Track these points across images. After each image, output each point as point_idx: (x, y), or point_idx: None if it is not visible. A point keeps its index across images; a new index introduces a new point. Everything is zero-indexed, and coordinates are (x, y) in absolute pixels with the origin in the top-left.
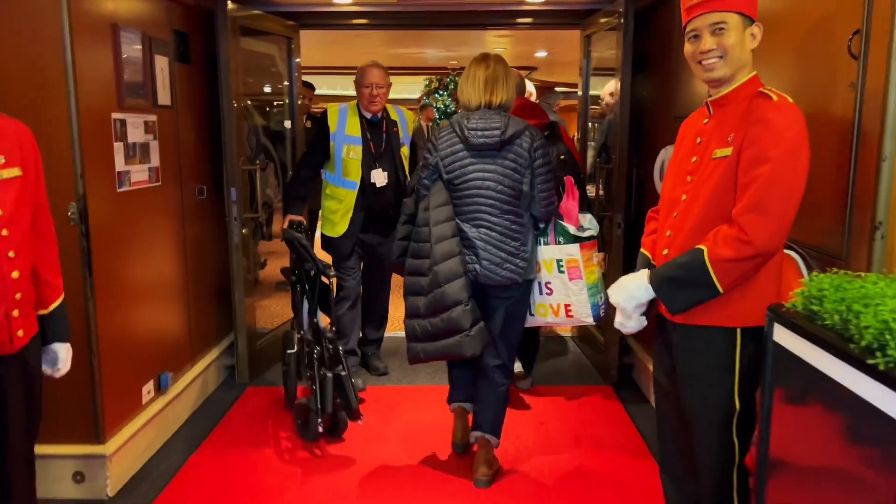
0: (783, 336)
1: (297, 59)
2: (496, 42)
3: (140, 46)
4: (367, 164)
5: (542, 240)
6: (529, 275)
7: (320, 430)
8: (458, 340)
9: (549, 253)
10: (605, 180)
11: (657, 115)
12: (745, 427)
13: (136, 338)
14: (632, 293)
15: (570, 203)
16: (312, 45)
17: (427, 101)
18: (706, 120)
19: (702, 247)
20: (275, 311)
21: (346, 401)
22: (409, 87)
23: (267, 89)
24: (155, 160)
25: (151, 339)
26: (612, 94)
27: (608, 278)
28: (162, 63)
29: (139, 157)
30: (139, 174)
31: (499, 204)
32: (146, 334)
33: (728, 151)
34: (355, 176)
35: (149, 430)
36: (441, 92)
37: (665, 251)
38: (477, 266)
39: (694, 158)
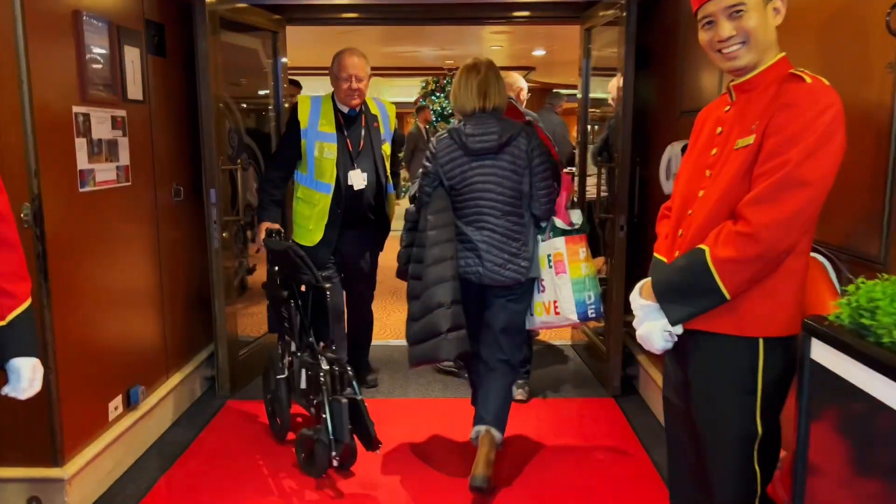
0: (823, 354)
1: (284, 59)
2: (493, 39)
3: (107, 36)
4: (344, 165)
5: (540, 237)
6: (531, 274)
7: (335, 463)
8: (435, 343)
9: (542, 249)
10: (606, 180)
11: (662, 111)
12: (769, 453)
13: (101, 349)
14: (631, 296)
15: (560, 198)
16: (302, 45)
17: (423, 103)
18: (728, 107)
19: (703, 246)
20: (262, 320)
21: (363, 428)
22: (405, 90)
23: (250, 87)
24: (124, 158)
25: (120, 351)
26: (619, 90)
27: (610, 284)
28: (132, 55)
29: (106, 155)
30: (106, 173)
31: (500, 206)
32: (114, 345)
33: (751, 140)
34: (330, 177)
35: (116, 449)
36: (438, 94)
37: (677, 254)
38: (479, 268)
39: (714, 150)
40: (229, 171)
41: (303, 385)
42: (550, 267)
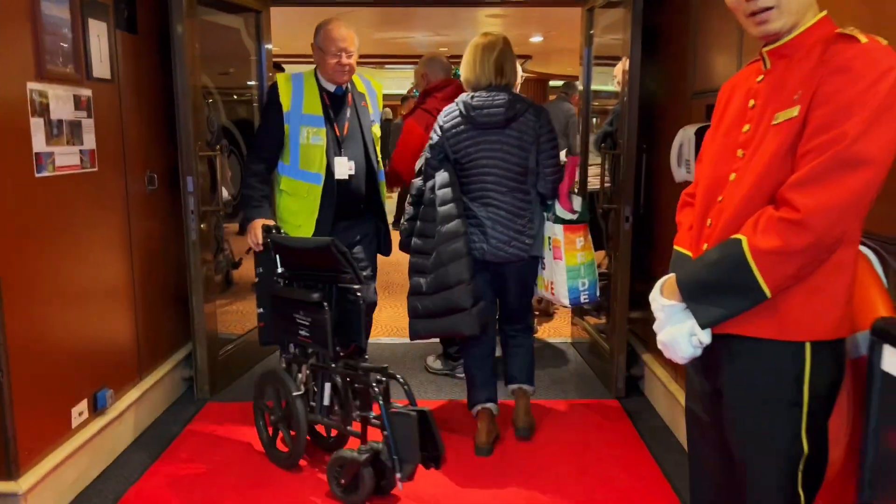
0: None
1: (269, 45)
2: (488, 23)
3: (67, 6)
4: (331, 151)
5: (546, 215)
6: (534, 251)
7: (400, 486)
8: (457, 319)
9: (545, 230)
10: (610, 168)
11: (671, 94)
12: (814, 473)
13: (63, 350)
14: (651, 295)
15: (563, 185)
16: (287, 29)
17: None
18: (761, 77)
19: (739, 236)
20: (245, 316)
21: (429, 444)
22: (397, 82)
23: (231, 69)
24: (89, 142)
25: (86, 351)
26: (627, 73)
27: (614, 279)
28: (98, 29)
29: (67, 138)
30: (67, 157)
31: (506, 182)
32: (78, 346)
33: (795, 112)
34: (319, 166)
35: (80, 458)
36: None
37: (705, 247)
38: (484, 245)
39: (746, 127)
40: (208, 159)
41: (326, 401)
42: (549, 249)
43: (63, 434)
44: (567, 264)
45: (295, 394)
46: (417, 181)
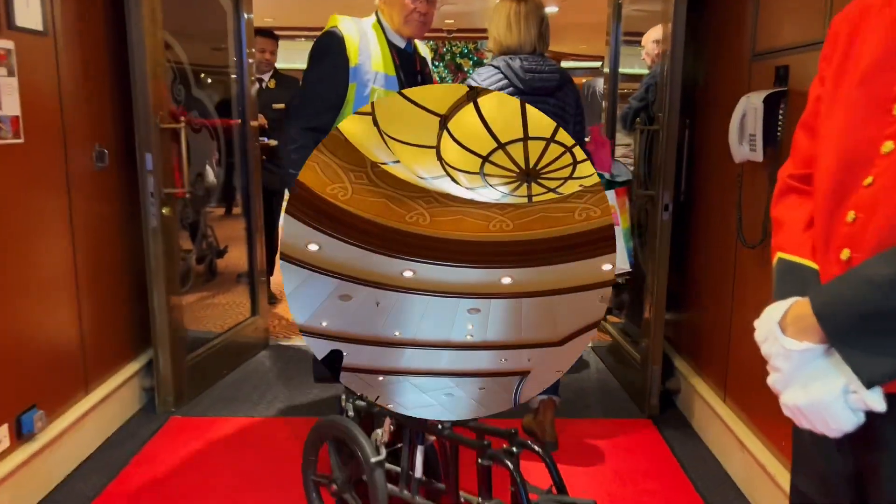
0: None
1: (250, 15)
2: None
3: None
4: None
5: None
6: None
7: None
8: None
9: None
10: (645, 148)
11: (723, 56)
12: None
13: None
14: (764, 331)
15: (603, 151)
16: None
17: None
18: None
19: None
20: (226, 311)
21: None
22: None
23: (200, 26)
24: (11, 107)
25: (6, 363)
26: (656, 42)
27: (650, 281)
28: None
29: None
30: None
31: None
32: None
33: None
34: None
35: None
36: (436, 63)
37: (846, 253)
38: None
39: None
40: (172, 132)
41: (418, 472)
42: None
43: None
44: (623, 227)
45: (374, 460)
46: None
